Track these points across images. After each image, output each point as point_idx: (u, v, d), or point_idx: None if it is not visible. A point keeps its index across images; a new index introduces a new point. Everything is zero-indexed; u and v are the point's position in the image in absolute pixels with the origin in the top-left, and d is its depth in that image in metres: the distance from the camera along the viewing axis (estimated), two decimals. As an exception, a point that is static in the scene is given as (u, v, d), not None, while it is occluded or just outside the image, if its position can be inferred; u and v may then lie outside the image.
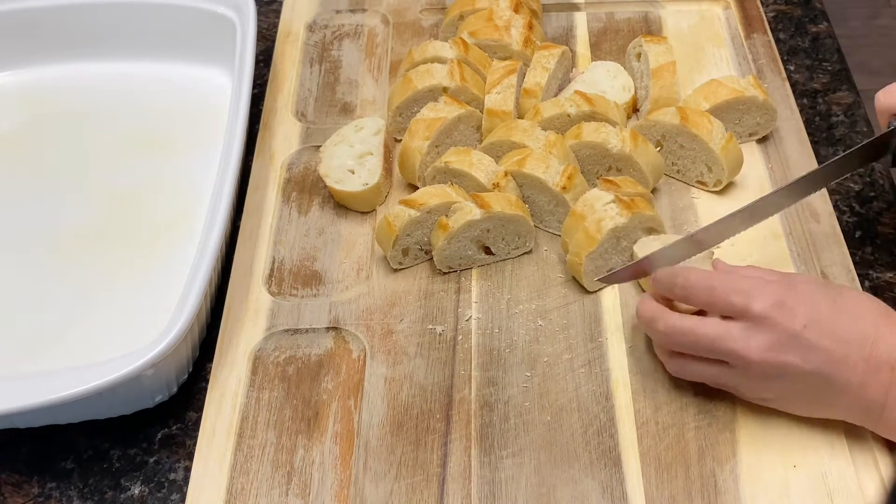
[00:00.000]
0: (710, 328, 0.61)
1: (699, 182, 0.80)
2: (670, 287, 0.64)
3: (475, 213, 0.72)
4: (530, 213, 0.76)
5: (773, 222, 0.77)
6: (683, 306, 0.64)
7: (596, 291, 0.73)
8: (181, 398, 0.70)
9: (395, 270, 0.75)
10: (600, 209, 0.71)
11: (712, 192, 0.80)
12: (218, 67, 0.92)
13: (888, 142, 0.69)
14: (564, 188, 0.74)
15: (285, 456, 0.66)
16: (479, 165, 0.75)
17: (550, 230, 0.77)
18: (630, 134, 0.76)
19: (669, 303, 0.65)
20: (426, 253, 0.76)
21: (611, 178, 0.73)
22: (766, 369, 0.60)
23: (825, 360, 0.58)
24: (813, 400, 0.62)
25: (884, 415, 0.59)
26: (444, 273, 0.75)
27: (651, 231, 0.72)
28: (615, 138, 0.76)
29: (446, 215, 0.73)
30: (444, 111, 0.79)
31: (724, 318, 0.61)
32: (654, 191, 0.79)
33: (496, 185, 0.75)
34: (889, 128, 0.69)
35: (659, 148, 0.80)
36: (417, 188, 0.80)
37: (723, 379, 0.63)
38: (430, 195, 0.74)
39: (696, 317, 0.63)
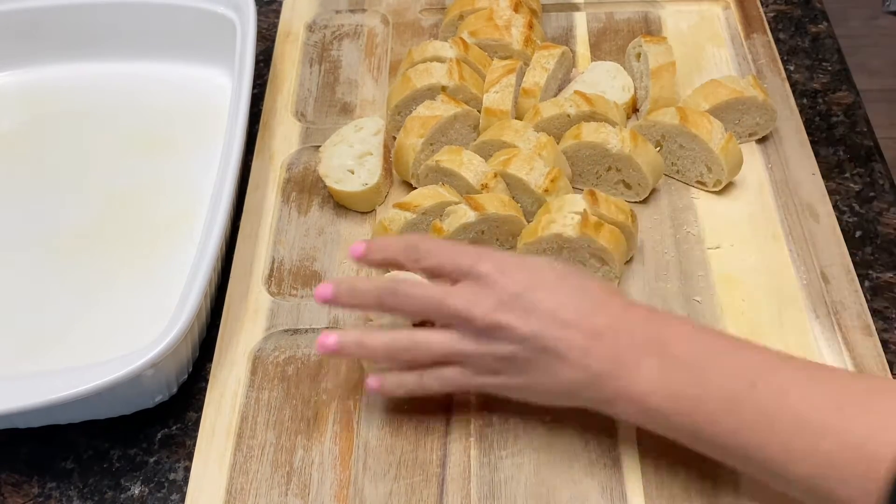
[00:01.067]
0: (435, 288, 0.60)
1: (699, 182, 0.80)
2: (401, 250, 0.62)
3: (469, 215, 0.71)
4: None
5: (773, 222, 0.77)
6: None
7: None
8: (181, 398, 0.70)
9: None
10: (565, 213, 0.71)
11: (712, 192, 0.80)
12: (218, 67, 0.92)
13: None
14: (547, 191, 0.74)
15: (285, 456, 0.66)
16: (469, 165, 0.75)
17: None
18: (630, 134, 0.76)
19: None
20: None
21: (598, 193, 0.72)
22: (486, 330, 0.58)
23: (543, 325, 0.57)
24: (539, 373, 0.59)
25: (614, 385, 0.57)
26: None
27: (601, 261, 0.71)
28: (615, 138, 0.76)
29: (440, 218, 0.73)
30: (440, 109, 0.79)
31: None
32: (653, 191, 0.80)
33: (484, 186, 0.75)
34: None
35: (658, 148, 0.80)
36: (413, 188, 0.80)
37: (449, 344, 0.60)
38: (424, 197, 0.74)
39: (425, 286, 0.61)
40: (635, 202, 0.79)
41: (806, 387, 0.54)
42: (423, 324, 0.64)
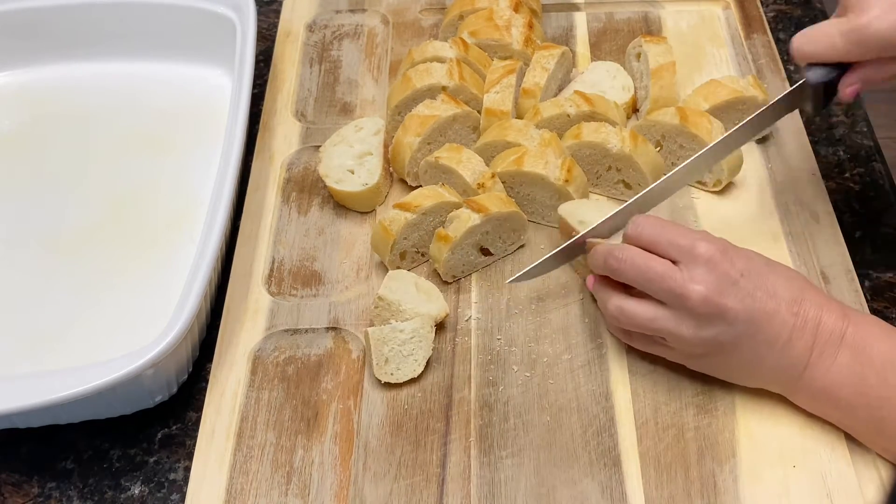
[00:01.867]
0: (660, 264, 0.62)
1: (699, 182, 0.80)
2: (629, 238, 0.65)
3: (474, 218, 0.71)
4: (528, 210, 0.77)
5: (773, 222, 0.77)
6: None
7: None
8: (181, 398, 0.70)
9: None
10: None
11: (712, 192, 0.80)
12: (218, 67, 0.92)
13: (803, 94, 0.69)
14: (567, 181, 0.74)
15: (285, 456, 0.66)
16: (468, 164, 0.75)
17: (552, 224, 0.77)
18: (630, 134, 0.76)
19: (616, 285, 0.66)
20: (422, 255, 0.76)
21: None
22: (703, 310, 0.60)
23: (759, 310, 0.60)
24: (740, 354, 0.62)
25: (804, 374, 0.61)
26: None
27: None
28: (615, 138, 0.76)
29: (444, 226, 0.73)
30: (439, 109, 0.79)
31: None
32: (653, 191, 0.80)
33: (481, 186, 0.75)
34: (805, 78, 0.67)
35: (659, 148, 0.80)
36: (411, 186, 0.80)
37: (659, 318, 0.63)
38: (424, 197, 0.74)
39: (649, 254, 0.63)
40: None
41: None
42: None
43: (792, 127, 0.84)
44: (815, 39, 0.66)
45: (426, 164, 0.77)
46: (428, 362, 0.69)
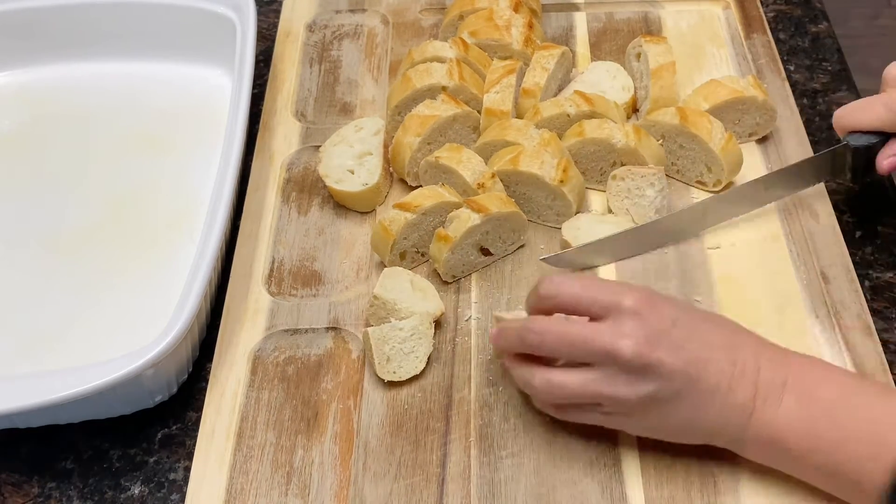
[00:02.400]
0: (581, 326, 0.59)
1: (699, 182, 0.80)
2: (543, 299, 0.61)
3: (474, 218, 0.71)
4: (526, 210, 0.76)
5: (773, 222, 0.77)
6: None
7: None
8: (181, 398, 0.70)
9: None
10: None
11: (712, 192, 0.80)
12: (218, 67, 0.92)
13: (843, 159, 0.73)
14: (562, 181, 0.74)
15: (285, 456, 0.66)
16: (468, 164, 0.75)
17: (549, 224, 0.77)
18: (633, 128, 0.76)
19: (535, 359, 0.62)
20: (422, 255, 0.76)
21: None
22: (635, 366, 0.57)
23: (694, 360, 0.57)
24: (681, 409, 0.58)
25: (750, 424, 0.58)
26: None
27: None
28: (619, 133, 0.76)
29: (444, 226, 0.73)
30: (439, 109, 0.79)
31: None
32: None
33: (481, 186, 0.75)
34: (846, 141, 0.72)
35: (659, 148, 0.80)
36: (411, 186, 0.80)
37: (590, 384, 0.59)
38: (424, 197, 0.74)
39: (566, 319, 0.61)
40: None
41: None
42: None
43: (791, 126, 0.84)
44: (858, 109, 0.70)
45: (426, 164, 0.77)
46: (428, 362, 0.69)
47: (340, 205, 0.81)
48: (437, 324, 0.71)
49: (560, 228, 0.76)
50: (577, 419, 0.63)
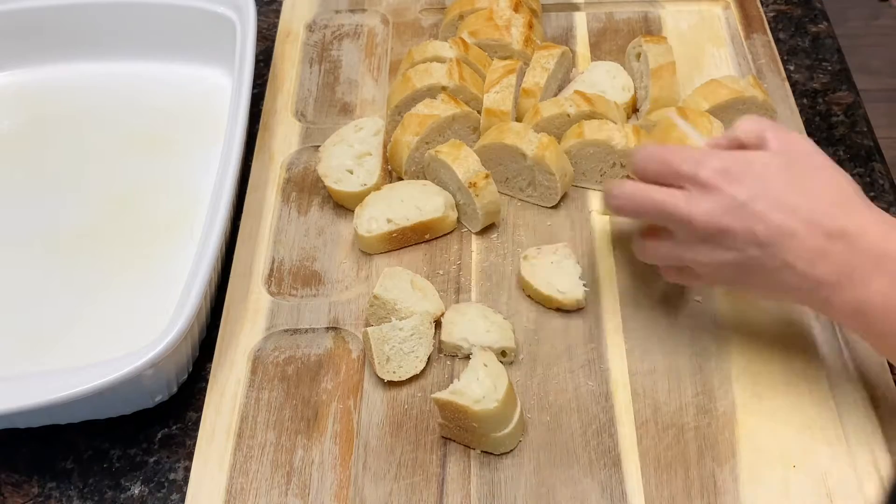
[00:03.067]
0: (657, 192, 0.61)
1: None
2: (633, 164, 0.64)
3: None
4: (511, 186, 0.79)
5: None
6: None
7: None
8: (181, 398, 0.70)
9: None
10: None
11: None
12: (218, 67, 0.92)
13: None
14: (474, 185, 0.75)
15: (285, 456, 0.66)
16: (463, 162, 0.76)
17: (538, 203, 0.80)
18: (632, 129, 0.76)
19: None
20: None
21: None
22: (708, 235, 0.59)
23: (771, 230, 0.57)
24: (762, 276, 0.59)
25: (835, 295, 0.57)
26: (442, 274, 0.75)
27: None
28: (619, 134, 0.76)
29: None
30: (438, 109, 0.79)
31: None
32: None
33: (472, 185, 0.75)
34: None
35: (659, 148, 0.80)
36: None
37: (676, 251, 0.62)
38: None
39: (646, 184, 0.63)
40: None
41: None
42: None
43: (791, 127, 0.84)
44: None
45: (429, 157, 0.78)
46: (428, 361, 0.69)
47: (340, 205, 0.81)
48: (438, 323, 0.71)
49: (547, 207, 0.78)
50: (688, 281, 0.66)
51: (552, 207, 0.79)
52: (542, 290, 0.71)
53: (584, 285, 0.71)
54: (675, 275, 0.66)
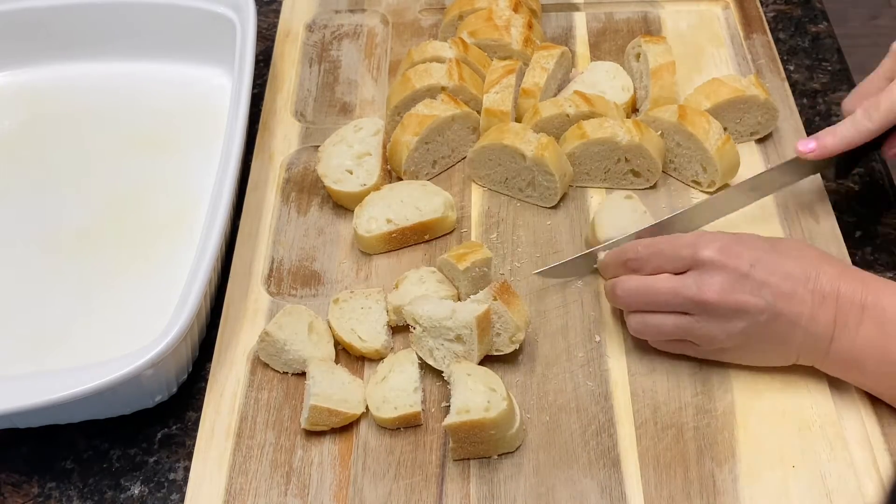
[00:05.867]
0: (665, 282, 0.64)
1: (694, 182, 0.80)
2: (621, 263, 0.67)
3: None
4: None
5: (772, 222, 0.77)
6: None
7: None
8: (181, 398, 0.70)
9: (394, 272, 0.75)
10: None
11: (706, 192, 0.80)
12: (218, 67, 0.92)
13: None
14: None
15: (284, 456, 0.66)
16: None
17: (535, 203, 0.80)
18: (633, 124, 0.77)
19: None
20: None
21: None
22: (722, 311, 0.62)
23: (776, 295, 0.62)
24: (768, 340, 0.64)
25: (831, 347, 0.62)
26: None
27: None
28: (621, 130, 0.76)
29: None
30: (438, 109, 0.79)
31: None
32: (653, 190, 0.80)
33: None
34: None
35: (658, 148, 0.81)
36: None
37: (683, 326, 0.64)
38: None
39: (649, 277, 0.65)
40: (643, 188, 0.80)
41: None
42: None
43: (791, 126, 0.84)
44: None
45: (477, 151, 0.79)
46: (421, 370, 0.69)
47: (339, 205, 0.81)
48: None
49: (547, 207, 0.78)
50: (668, 349, 0.68)
51: (552, 207, 0.79)
52: (344, 336, 0.69)
53: (386, 334, 0.70)
54: (669, 345, 0.68)
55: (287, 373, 0.70)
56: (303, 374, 0.69)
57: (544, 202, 0.79)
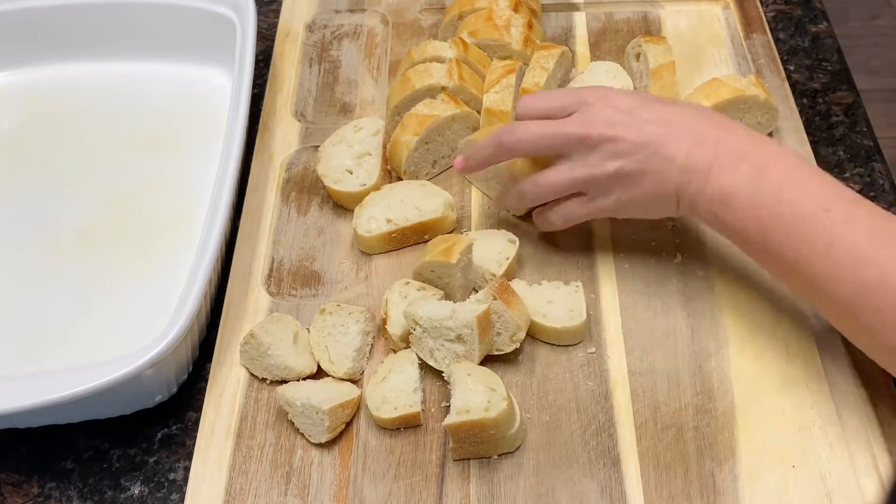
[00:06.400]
0: (551, 123, 0.67)
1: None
2: (519, 116, 0.70)
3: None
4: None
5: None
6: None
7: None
8: (181, 398, 0.70)
9: (394, 272, 0.75)
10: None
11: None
12: (218, 67, 0.92)
13: None
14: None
15: (284, 456, 0.66)
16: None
17: None
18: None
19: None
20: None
21: None
22: (602, 145, 0.65)
23: (653, 133, 0.64)
24: (650, 177, 0.65)
25: (707, 186, 0.63)
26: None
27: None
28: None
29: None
30: (438, 109, 0.79)
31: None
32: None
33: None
34: None
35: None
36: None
37: (572, 173, 0.67)
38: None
39: (538, 122, 0.68)
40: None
41: (867, 221, 0.59)
42: None
43: (791, 126, 0.84)
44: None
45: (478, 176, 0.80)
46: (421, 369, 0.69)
47: (339, 205, 0.81)
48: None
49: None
50: (566, 220, 0.71)
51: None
52: (316, 352, 0.69)
53: (354, 358, 0.68)
54: (562, 213, 0.70)
55: (265, 380, 0.69)
56: (281, 382, 0.69)
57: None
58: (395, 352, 0.70)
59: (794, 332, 0.70)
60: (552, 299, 0.71)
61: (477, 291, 0.73)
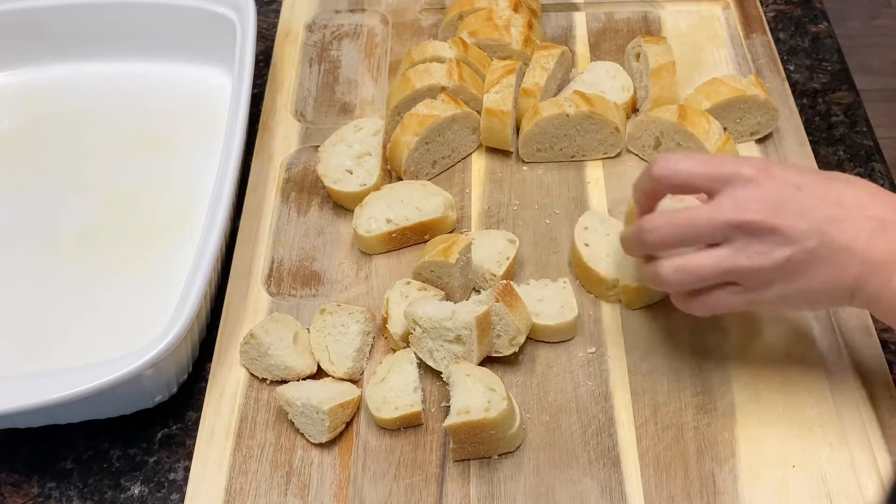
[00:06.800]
0: (697, 210, 0.57)
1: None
2: (657, 180, 0.59)
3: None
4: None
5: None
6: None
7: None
8: (181, 398, 0.70)
9: (394, 272, 0.75)
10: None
11: (710, 192, 0.80)
12: (218, 67, 0.92)
13: None
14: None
15: (284, 456, 0.66)
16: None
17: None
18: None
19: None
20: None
21: None
22: (766, 234, 0.55)
23: (825, 219, 0.55)
24: (822, 269, 0.56)
25: (892, 281, 0.55)
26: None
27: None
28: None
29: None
30: (438, 109, 0.79)
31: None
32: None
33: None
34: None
35: (658, 146, 0.80)
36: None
37: (724, 261, 0.56)
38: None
39: (679, 210, 0.59)
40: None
41: None
42: None
43: (791, 126, 0.84)
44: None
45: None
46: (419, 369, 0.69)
47: (339, 205, 0.81)
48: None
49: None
50: (714, 308, 0.60)
51: (553, 210, 0.79)
52: (316, 353, 0.69)
53: (354, 358, 0.68)
54: (713, 302, 0.60)
55: (265, 380, 0.69)
56: (280, 382, 0.69)
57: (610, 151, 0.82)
58: (394, 352, 0.70)
59: (795, 333, 0.70)
60: (542, 297, 0.71)
61: (478, 291, 0.73)
